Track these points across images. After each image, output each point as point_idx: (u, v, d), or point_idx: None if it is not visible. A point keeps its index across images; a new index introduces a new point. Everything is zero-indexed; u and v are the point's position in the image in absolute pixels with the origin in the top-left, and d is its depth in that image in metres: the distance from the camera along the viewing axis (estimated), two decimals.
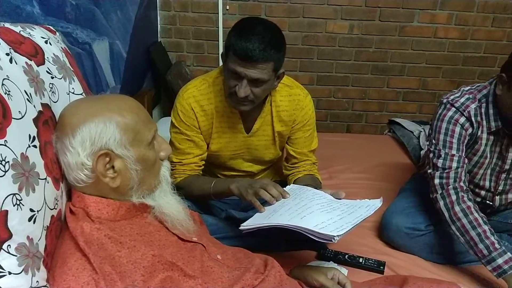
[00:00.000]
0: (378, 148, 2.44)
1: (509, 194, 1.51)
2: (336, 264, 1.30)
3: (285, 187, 1.21)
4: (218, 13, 2.69)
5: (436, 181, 1.39)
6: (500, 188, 1.49)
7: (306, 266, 1.16)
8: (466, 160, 1.41)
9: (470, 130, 1.40)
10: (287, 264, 1.13)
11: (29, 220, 0.73)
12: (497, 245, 1.26)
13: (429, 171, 1.44)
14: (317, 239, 0.98)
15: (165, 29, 2.76)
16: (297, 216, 1.03)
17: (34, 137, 0.79)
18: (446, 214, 1.35)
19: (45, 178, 0.80)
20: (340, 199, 1.15)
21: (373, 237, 1.57)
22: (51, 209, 0.81)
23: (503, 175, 1.47)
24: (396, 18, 2.70)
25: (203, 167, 1.48)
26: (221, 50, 2.79)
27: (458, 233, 1.33)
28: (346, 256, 1.39)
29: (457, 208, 1.33)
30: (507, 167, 1.45)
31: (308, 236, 0.99)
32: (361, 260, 1.38)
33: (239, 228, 1.09)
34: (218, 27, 2.73)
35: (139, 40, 2.33)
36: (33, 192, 0.75)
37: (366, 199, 1.15)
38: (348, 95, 2.93)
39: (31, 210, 0.74)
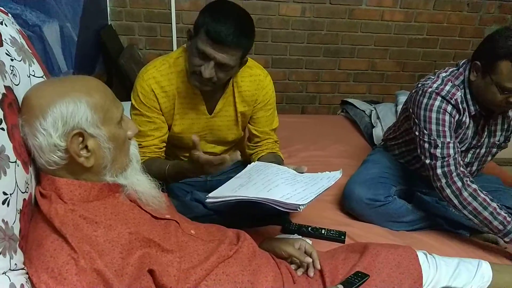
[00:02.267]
0: (332, 127, 2.54)
1: (474, 166, 1.63)
2: (301, 236, 1.36)
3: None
4: None
5: (439, 170, 1.43)
6: (467, 160, 1.60)
7: (274, 239, 1.21)
8: (458, 144, 1.47)
9: (457, 117, 1.45)
10: (254, 239, 1.16)
11: (3, 203, 0.73)
12: (508, 218, 1.35)
13: (427, 161, 1.46)
14: (283, 210, 1.04)
15: (115, 12, 2.68)
16: (263, 190, 1.08)
17: (1, 119, 0.77)
18: (456, 201, 1.41)
19: (15, 161, 0.78)
20: (302, 173, 1.21)
21: (334, 209, 1.65)
22: (23, 193, 0.80)
23: (472, 150, 1.58)
24: (345, 1, 2.78)
25: (163, 149, 1.47)
26: (174, 32, 2.74)
27: (471, 216, 1.39)
28: (309, 228, 1.46)
29: (465, 194, 1.39)
30: (478, 144, 1.56)
31: (274, 207, 1.04)
32: (323, 231, 1.46)
33: (206, 201, 1.11)
34: (170, 10, 2.68)
35: (89, 23, 2.24)
36: (5, 175, 0.74)
37: (326, 172, 1.21)
38: (302, 77, 3.01)
39: (4, 193, 0.73)
